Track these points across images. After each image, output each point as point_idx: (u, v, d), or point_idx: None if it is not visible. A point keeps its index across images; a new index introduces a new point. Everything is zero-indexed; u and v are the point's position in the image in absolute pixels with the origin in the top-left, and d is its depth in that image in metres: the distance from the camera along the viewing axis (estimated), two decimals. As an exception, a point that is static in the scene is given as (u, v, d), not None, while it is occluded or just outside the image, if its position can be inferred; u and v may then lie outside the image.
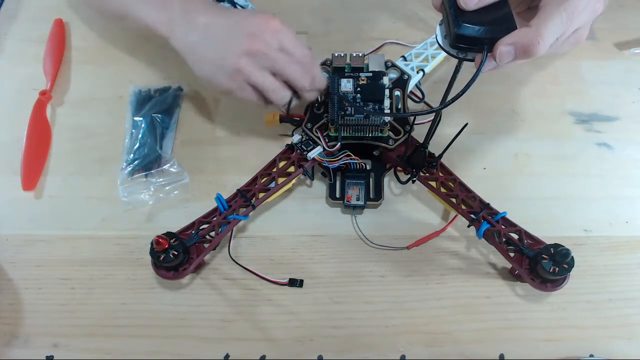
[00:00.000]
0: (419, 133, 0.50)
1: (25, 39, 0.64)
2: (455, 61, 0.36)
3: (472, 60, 0.35)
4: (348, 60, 0.51)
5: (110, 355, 0.46)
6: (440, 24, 0.36)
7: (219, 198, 0.48)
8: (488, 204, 0.47)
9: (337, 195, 0.52)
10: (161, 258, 0.44)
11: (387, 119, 0.48)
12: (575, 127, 0.57)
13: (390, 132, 0.50)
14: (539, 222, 0.48)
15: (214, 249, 0.48)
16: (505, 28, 0.34)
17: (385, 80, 0.50)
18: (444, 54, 0.56)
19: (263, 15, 0.48)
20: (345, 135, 0.50)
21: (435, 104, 0.57)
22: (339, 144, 0.50)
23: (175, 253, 0.44)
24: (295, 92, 0.50)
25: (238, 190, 0.49)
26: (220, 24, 0.48)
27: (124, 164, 0.54)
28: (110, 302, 0.48)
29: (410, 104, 0.54)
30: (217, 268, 0.50)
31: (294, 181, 0.50)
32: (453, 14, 0.34)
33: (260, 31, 0.47)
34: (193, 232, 0.47)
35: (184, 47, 0.50)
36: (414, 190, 0.53)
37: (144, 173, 0.53)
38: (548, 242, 0.44)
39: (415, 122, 0.49)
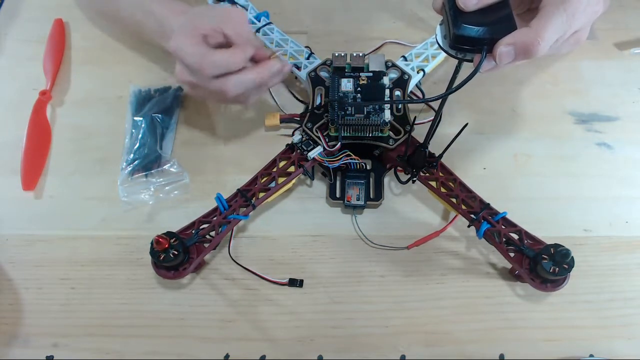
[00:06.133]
0: (419, 133, 0.50)
1: (25, 39, 0.64)
2: (455, 62, 0.36)
3: (472, 60, 0.35)
4: (348, 60, 0.51)
5: (110, 355, 0.46)
6: (440, 24, 0.36)
7: (219, 198, 0.48)
8: (488, 204, 0.47)
9: (337, 195, 0.52)
10: (161, 258, 0.44)
11: (388, 119, 0.48)
12: (575, 127, 0.57)
13: (390, 132, 0.50)
14: (539, 222, 0.48)
15: (214, 249, 0.48)
16: (505, 28, 0.34)
17: (386, 80, 0.50)
18: (444, 54, 0.57)
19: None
20: (345, 135, 0.50)
21: (435, 104, 0.57)
22: (339, 143, 0.49)
23: (176, 253, 0.44)
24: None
25: (238, 190, 0.49)
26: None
27: (124, 164, 0.54)
28: (110, 302, 0.48)
29: (411, 104, 0.54)
30: (217, 268, 0.50)
31: (294, 181, 0.50)
32: (453, 15, 0.34)
33: None
34: (193, 231, 0.47)
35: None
36: (414, 190, 0.53)
37: (144, 173, 0.53)
38: (548, 242, 0.44)
39: (416, 122, 0.49)
